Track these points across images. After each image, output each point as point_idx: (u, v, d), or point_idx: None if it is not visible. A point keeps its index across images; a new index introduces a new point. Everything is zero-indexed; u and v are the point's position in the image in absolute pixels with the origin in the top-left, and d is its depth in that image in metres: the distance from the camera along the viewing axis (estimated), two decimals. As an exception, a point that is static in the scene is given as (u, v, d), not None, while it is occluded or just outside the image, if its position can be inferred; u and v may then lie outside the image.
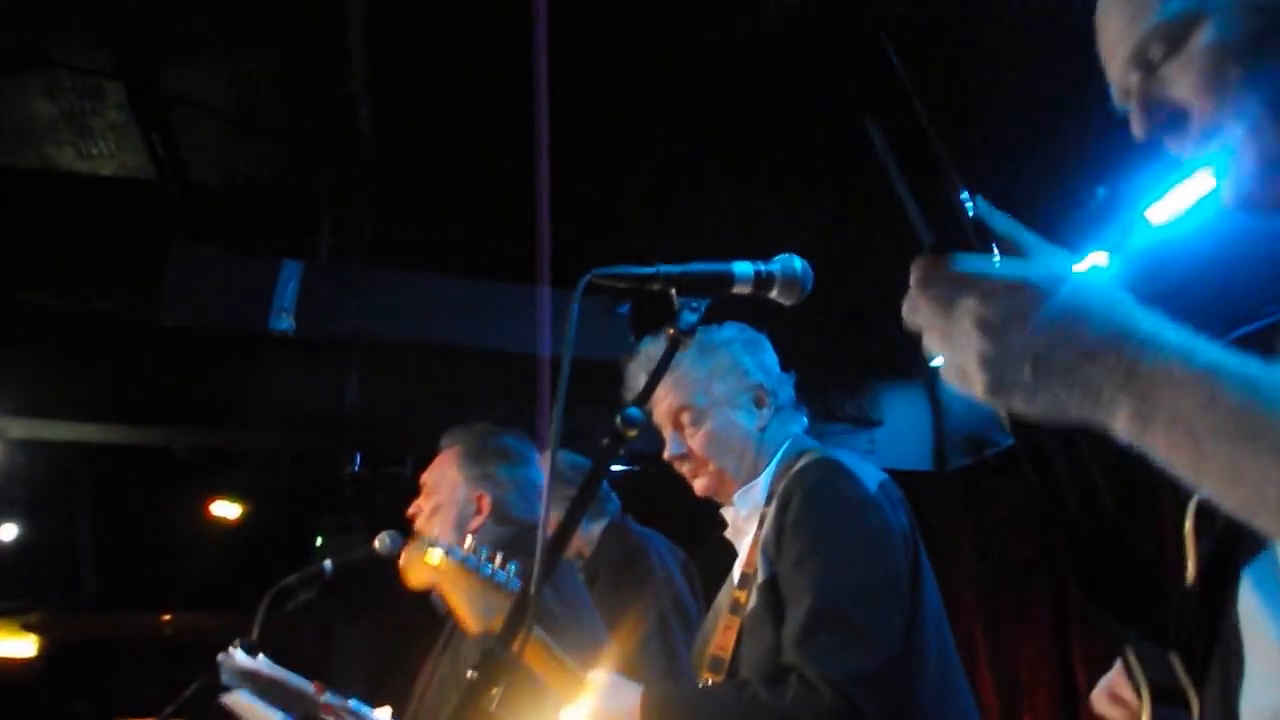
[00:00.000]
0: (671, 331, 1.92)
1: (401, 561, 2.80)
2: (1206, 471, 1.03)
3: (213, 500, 9.63)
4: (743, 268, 2.01)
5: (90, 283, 5.93)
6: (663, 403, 2.79)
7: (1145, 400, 1.04)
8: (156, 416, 6.62)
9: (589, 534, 4.07)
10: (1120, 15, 1.44)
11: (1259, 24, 1.34)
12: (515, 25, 4.35)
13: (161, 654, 12.66)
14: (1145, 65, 1.41)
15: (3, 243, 5.88)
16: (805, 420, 2.87)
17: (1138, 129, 1.43)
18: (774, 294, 2.04)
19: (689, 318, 1.92)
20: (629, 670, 2.57)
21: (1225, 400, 1.01)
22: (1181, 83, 1.37)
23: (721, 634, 2.66)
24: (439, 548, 2.63)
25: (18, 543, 9.41)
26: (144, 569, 10.55)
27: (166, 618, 12.28)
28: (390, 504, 8.83)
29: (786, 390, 2.86)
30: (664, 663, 3.65)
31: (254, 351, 6.21)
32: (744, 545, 2.73)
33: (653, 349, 2.78)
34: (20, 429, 6.63)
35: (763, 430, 2.76)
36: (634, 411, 1.81)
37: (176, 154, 5.43)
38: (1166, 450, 1.04)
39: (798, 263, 2.06)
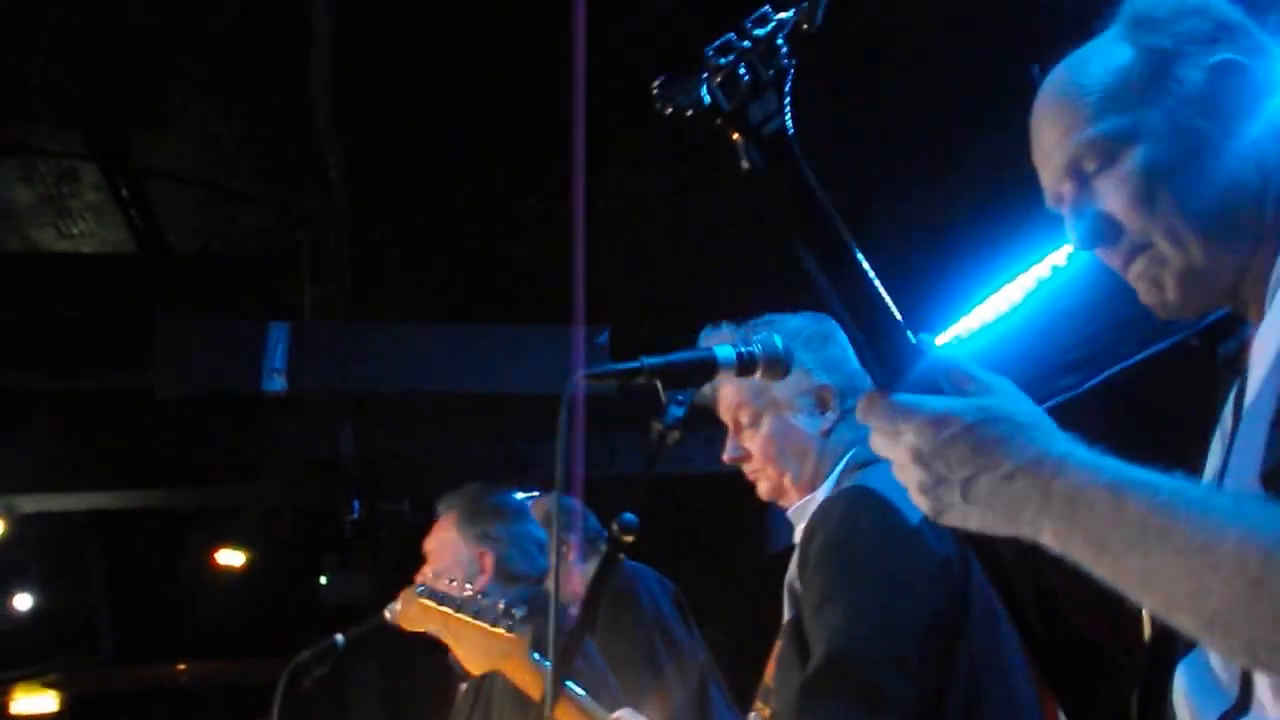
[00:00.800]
0: (659, 428, 1.92)
1: (398, 609, 2.83)
2: (1124, 579, 1.11)
3: (218, 550, 9.65)
4: (725, 352, 1.99)
5: (82, 361, 5.95)
6: (723, 399, 2.57)
7: (1062, 518, 1.13)
8: (158, 480, 6.65)
9: (585, 574, 4.11)
10: (1056, 125, 1.48)
11: (1187, 146, 1.39)
12: (480, 68, 4.45)
13: (179, 701, 12.68)
14: (1079, 176, 1.45)
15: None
16: None
17: (1071, 238, 1.48)
18: (758, 375, 2.05)
19: (675, 412, 1.91)
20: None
21: (1131, 511, 1.09)
22: (1113, 198, 1.42)
23: (772, 663, 2.55)
24: (427, 592, 2.67)
25: (33, 612, 9.43)
26: (157, 621, 10.56)
27: (181, 667, 12.27)
28: (391, 541, 8.87)
29: (858, 393, 2.57)
30: (658, 703, 3.70)
31: (248, 410, 6.24)
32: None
33: (712, 337, 2.50)
34: (29, 504, 6.68)
35: (827, 434, 2.52)
36: (629, 518, 1.86)
37: (155, 225, 5.47)
38: (1089, 562, 1.13)
39: (778, 340, 2.05)
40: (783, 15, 1.19)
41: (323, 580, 9.07)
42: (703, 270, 5.89)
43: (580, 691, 2.49)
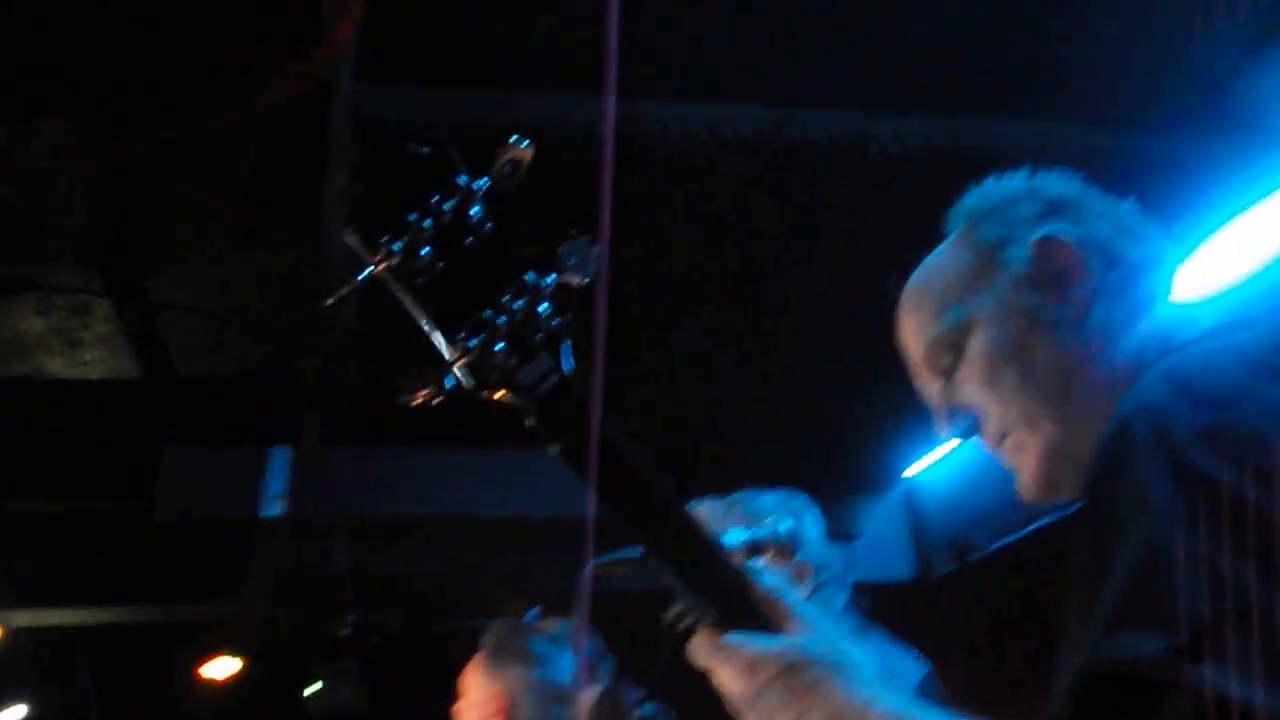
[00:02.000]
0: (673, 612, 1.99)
1: None
2: None
3: (206, 661, 9.53)
4: (736, 537, 2.07)
5: (83, 486, 5.95)
6: None
7: None
8: (151, 597, 6.61)
9: (583, 701, 4.12)
10: (910, 330, 1.54)
11: (1022, 324, 1.42)
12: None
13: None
14: (941, 373, 1.49)
15: (-4, 451, 5.93)
16: (846, 593, 2.72)
17: (940, 430, 1.50)
18: (768, 558, 2.11)
19: None
20: None
21: None
22: (968, 387, 1.45)
23: None
24: None
25: (26, 723, 9.28)
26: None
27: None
28: (381, 650, 8.80)
29: (828, 569, 2.68)
30: None
31: (245, 529, 6.23)
32: None
33: (698, 511, 2.60)
34: (23, 618, 6.62)
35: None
36: (649, 712, 1.89)
37: (163, 354, 5.51)
38: None
39: (783, 526, 2.13)
40: (544, 281, 1.20)
41: (309, 691, 8.98)
42: (708, 407, 5.95)
43: None
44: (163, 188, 4.11)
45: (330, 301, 1.24)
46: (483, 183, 1.18)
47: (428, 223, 1.16)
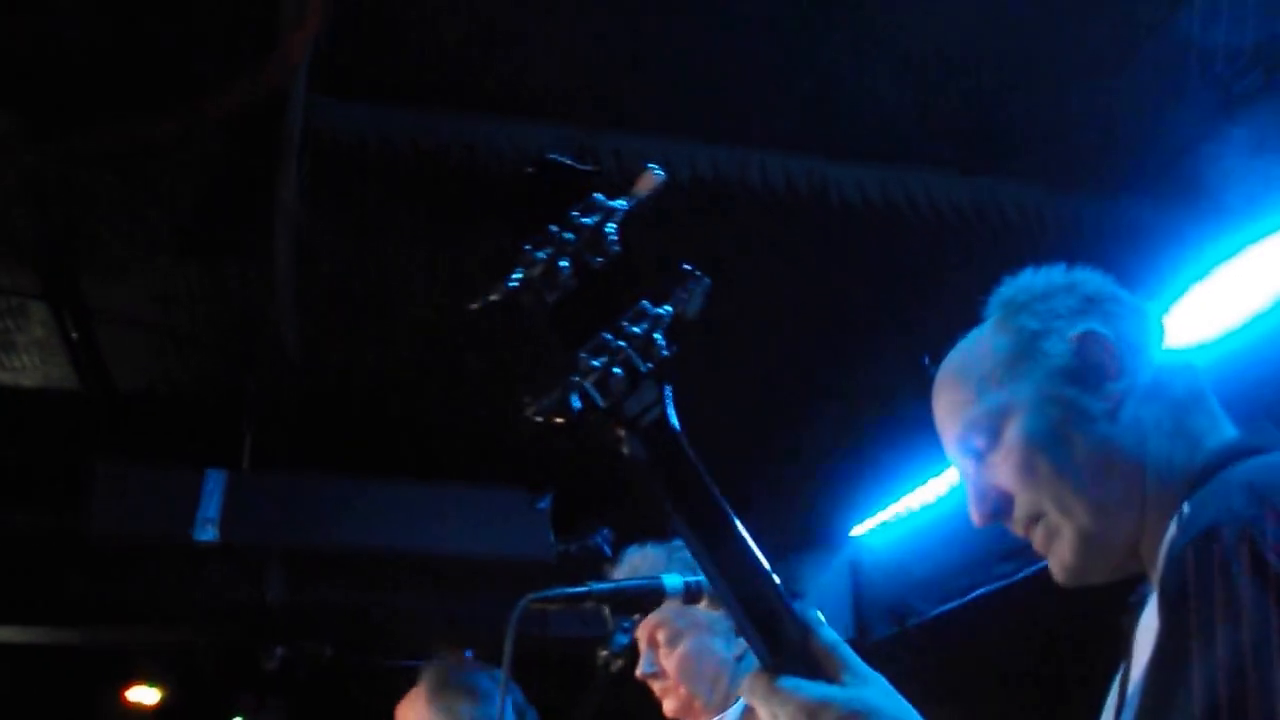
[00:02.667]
0: (604, 654, 1.93)
1: None
2: None
3: (130, 686, 9.30)
4: (673, 581, 2.02)
5: (12, 498, 5.78)
6: (650, 619, 2.59)
7: None
8: (76, 619, 6.43)
9: None
10: (945, 409, 1.57)
11: (1060, 415, 1.45)
12: (436, 237, 4.46)
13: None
14: (973, 454, 1.51)
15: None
16: None
17: (973, 515, 1.52)
18: (703, 605, 2.04)
19: (621, 640, 1.94)
20: None
21: None
22: (1001, 471, 1.48)
23: None
24: None
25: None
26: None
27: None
28: (309, 682, 8.61)
29: None
30: None
31: (177, 554, 6.06)
32: None
33: (636, 557, 2.63)
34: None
35: (739, 659, 2.56)
36: None
37: (100, 365, 5.35)
38: None
39: None
40: (660, 310, 1.19)
41: (237, 721, 8.77)
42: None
43: None
44: (104, 191, 3.98)
45: (476, 307, 1.18)
46: (621, 204, 1.18)
47: (569, 235, 1.16)
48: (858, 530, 6.59)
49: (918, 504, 5.80)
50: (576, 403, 1.17)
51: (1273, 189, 3.90)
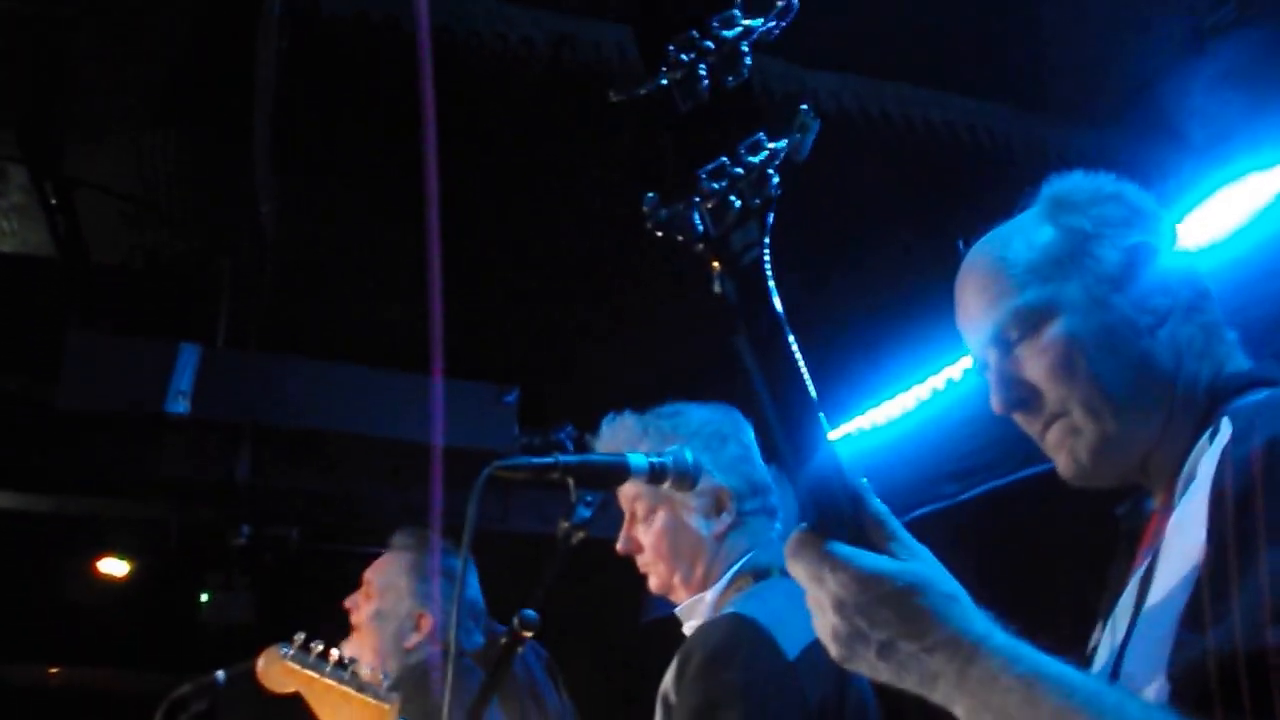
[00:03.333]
0: (565, 526, 1.95)
1: (260, 668, 2.75)
2: None
3: (101, 557, 9.37)
4: (637, 460, 2.01)
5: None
6: (623, 488, 2.45)
7: (976, 700, 1.15)
8: (48, 486, 6.47)
9: (472, 649, 4.11)
10: (981, 296, 1.55)
11: (1104, 321, 1.46)
12: (416, 122, 4.43)
13: (49, 704, 12.25)
14: (1003, 344, 1.51)
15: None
16: (777, 526, 2.52)
17: (994, 402, 1.53)
18: (666, 485, 2.05)
19: (583, 513, 1.96)
20: None
21: (1044, 707, 1.12)
22: (1033, 366, 1.48)
23: None
24: (293, 655, 2.61)
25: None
26: (31, 623, 10.22)
27: (53, 670, 11.88)
28: (275, 565, 8.69)
29: (756, 499, 2.48)
30: None
31: (148, 426, 6.10)
32: None
33: (612, 426, 2.53)
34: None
35: (720, 538, 2.43)
36: (530, 615, 1.91)
37: (78, 233, 5.36)
38: None
39: (688, 454, 2.05)
40: (776, 144, 1.17)
41: (204, 598, 8.86)
42: (622, 335, 5.91)
43: None
44: (82, 51, 3.95)
45: (615, 98, 1.18)
46: (758, 23, 1.16)
47: (710, 45, 1.15)
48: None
49: (868, 424, 5.86)
50: (696, 224, 1.16)
51: (1239, 127, 3.92)
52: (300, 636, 2.69)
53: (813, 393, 1.20)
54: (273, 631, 3.04)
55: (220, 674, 3.27)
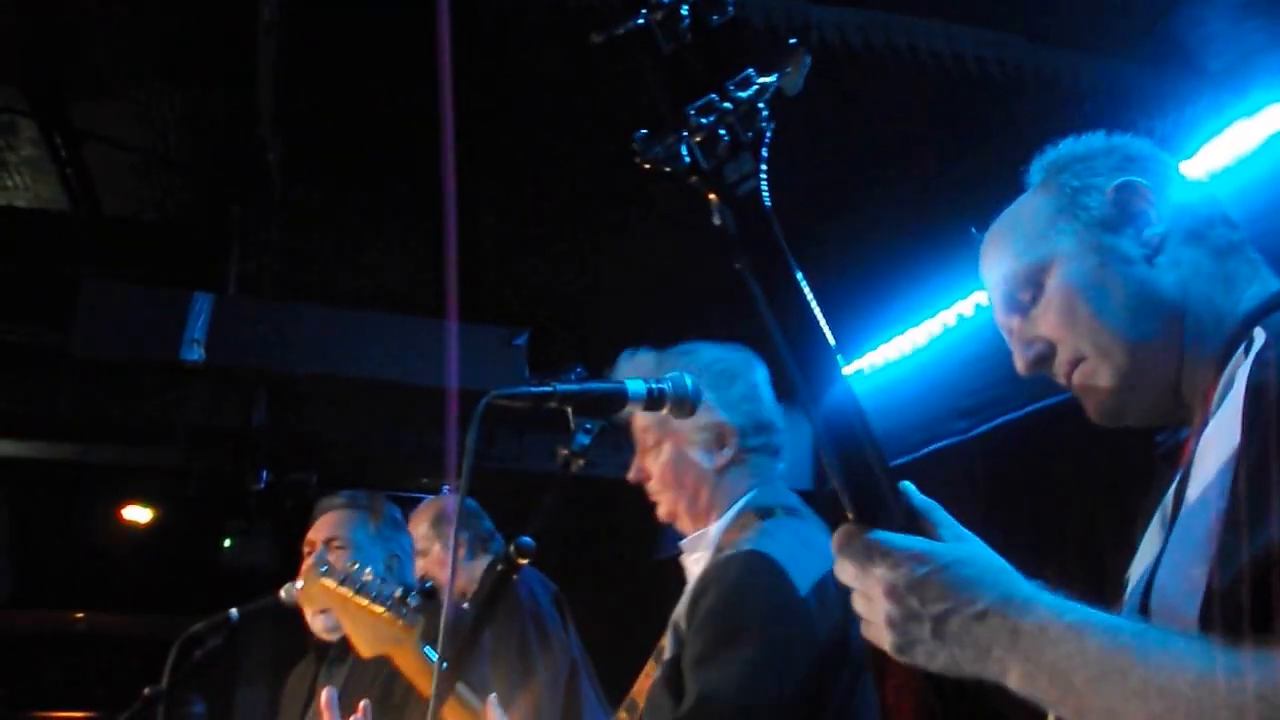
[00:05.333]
0: (564, 453, 1.91)
1: (298, 586, 2.79)
2: (1085, 716, 1.11)
3: (125, 505, 9.43)
4: (636, 386, 1.97)
5: (5, 314, 5.76)
6: (635, 419, 2.51)
7: (1029, 658, 1.14)
8: (70, 435, 6.47)
9: (471, 572, 4.10)
10: (993, 269, 1.59)
11: (1098, 262, 1.48)
12: (422, 67, 4.35)
13: (73, 649, 12.38)
14: (1019, 309, 1.54)
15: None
16: (779, 466, 2.54)
17: (1017, 364, 1.56)
18: (666, 410, 2.00)
19: (582, 440, 1.90)
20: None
21: (1093, 651, 1.11)
22: (1045, 320, 1.51)
23: (642, 678, 2.51)
24: (330, 571, 2.64)
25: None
26: (58, 570, 10.30)
27: (79, 616, 12.00)
28: (295, 511, 8.72)
29: (760, 435, 2.50)
30: (529, 693, 3.74)
31: (166, 375, 6.08)
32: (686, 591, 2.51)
33: (628, 363, 2.50)
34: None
35: (721, 471, 2.46)
36: (527, 542, 1.87)
37: (89, 186, 5.30)
38: (1053, 702, 1.14)
39: (689, 380, 2.01)
40: (765, 79, 1.17)
41: (226, 543, 8.91)
42: (633, 277, 5.86)
43: (470, 695, 2.46)
44: (88, 2, 3.88)
45: (598, 39, 1.21)
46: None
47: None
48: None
49: (880, 360, 5.81)
50: (686, 156, 1.17)
51: (1256, 56, 3.82)
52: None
53: (824, 325, 1.20)
54: (293, 575, 3.06)
55: (234, 611, 3.32)
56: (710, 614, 2.20)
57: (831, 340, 1.21)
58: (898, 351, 5.63)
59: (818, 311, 1.20)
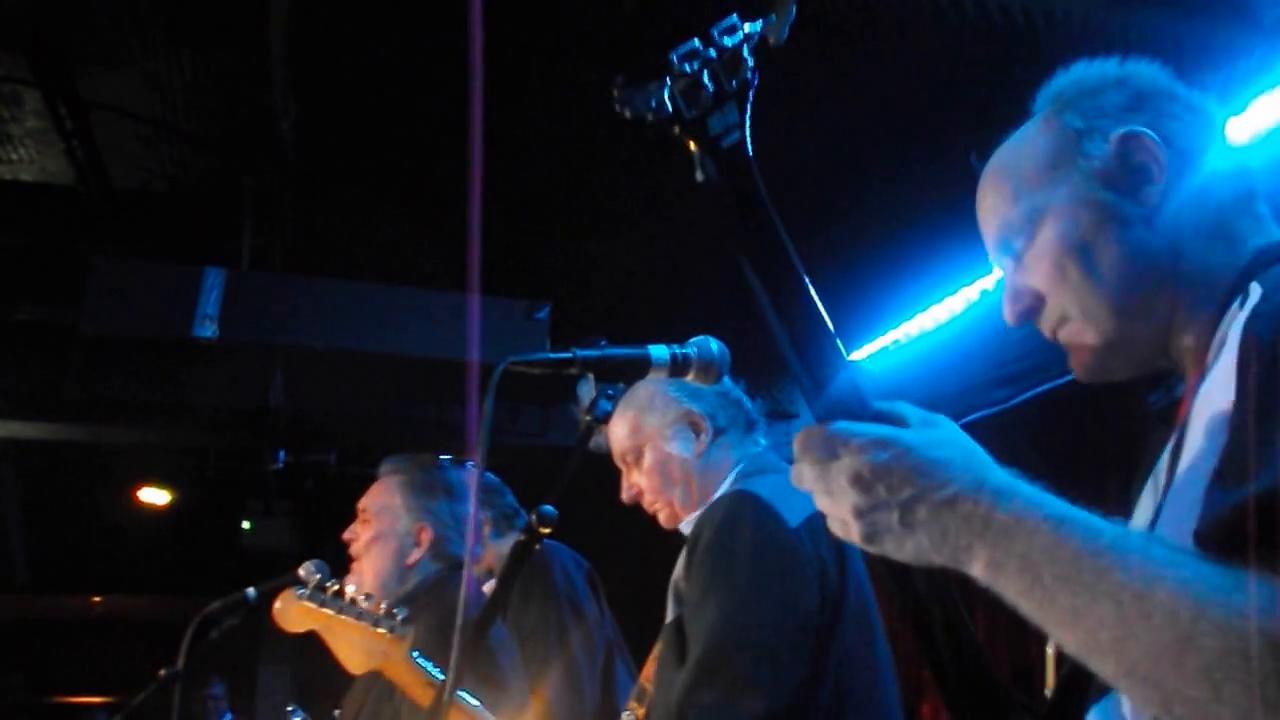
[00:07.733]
0: (588, 419, 1.84)
1: (276, 609, 2.67)
2: (1051, 615, 1.04)
3: (141, 487, 9.34)
4: (659, 352, 1.89)
5: (13, 292, 5.65)
6: (613, 445, 2.66)
7: (998, 547, 1.07)
8: (85, 416, 6.37)
9: (500, 549, 3.98)
10: (988, 208, 1.52)
11: (1093, 220, 1.40)
12: (440, 32, 4.21)
13: (92, 632, 12.38)
14: (1011, 253, 1.48)
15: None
16: (761, 439, 2.66)
17: (1005, 313, 1.50)
18: (690, 376, 1.92)
19: (604, 406, 1.83)
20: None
21: (1069, 548, 1.03)
22: (1034, 272, 1.45)
23: (650, 664, 2.55)
24: (309, 595, 2.54)
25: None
26: (75, 553, 10.25)
27: (97, 599, 11.97)
28: (315, 491, 8.64)
29: (729, 412, 2.63)
30: (563, 674, 3.65)
31: (180, 353, 5.96)
32: None
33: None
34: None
35: (702, 457, 2.58)
36: (549, 510, 1.79)
37: (96, 159, 5.16)
38: (1017, 594, 1.06)
39: (714, 345, 1.94)
40: (750, 28, 1.15)
41: (245, 525, 8.84)
42: (653, 251, 5.73)
43: (472, 700, 2.40)
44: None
45: None
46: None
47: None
48: (857, 355, 6.48)
49: (916, 330, 5.69)
50: (669, 105, 1.14)
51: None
52: (316, 577, 2.59)
53: (806, 280, 1.16)
54: (313, 556, 2.94)
55: (251, 591, 3.24)
56: (703, 554, 2.29)
57: (827, 317, 1.18)
58: (935, 320, 5.49)
59: (799, 264, 1.16)
